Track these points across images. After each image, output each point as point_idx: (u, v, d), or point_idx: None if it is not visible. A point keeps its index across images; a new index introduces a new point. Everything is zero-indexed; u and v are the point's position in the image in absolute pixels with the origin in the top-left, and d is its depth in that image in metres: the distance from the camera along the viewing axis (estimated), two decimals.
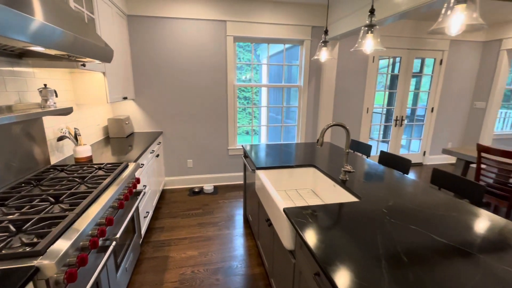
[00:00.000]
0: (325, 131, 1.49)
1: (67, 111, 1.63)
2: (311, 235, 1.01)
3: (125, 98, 2.71)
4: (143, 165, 2.31)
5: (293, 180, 1.98)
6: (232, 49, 3.34)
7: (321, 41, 2.31)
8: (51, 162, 1.85)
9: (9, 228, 0.97)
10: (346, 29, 2.94)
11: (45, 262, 0.83)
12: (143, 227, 2.28)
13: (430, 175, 4.13)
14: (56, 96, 1.65)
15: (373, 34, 1.52)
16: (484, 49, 4.39)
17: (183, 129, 3.47)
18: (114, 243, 1.25)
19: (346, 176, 1.64)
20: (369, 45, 1.54)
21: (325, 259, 0.86)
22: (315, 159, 2.09)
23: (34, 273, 0.80)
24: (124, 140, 2.75)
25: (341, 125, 1.55)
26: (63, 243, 0.93)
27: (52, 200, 1.22)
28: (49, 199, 1.23)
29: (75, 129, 1.96)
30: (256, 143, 2.67)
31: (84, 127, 2.38)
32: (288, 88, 3.98)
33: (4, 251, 0.85)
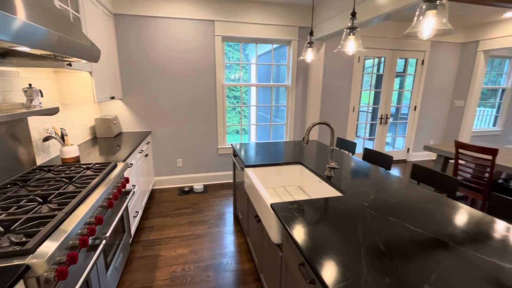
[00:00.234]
0: (310, 129, 1.55)
1: (53, 111, 1.62)
2: (297, 228, 1.06)
3: (112, 97, 2.69)
4: (132, 165, 2.31)
5: (281, 177, 2.04)
6: (220, 49, 3.35)
7: (307, 42, 2.37)
8: (37, 163, 1.82)
9: None
10: (331, 30, 3.01)
11: (35, 260, 0.84)
12: (133, 227, 2.28)
13: None
14: (41, 96, 1.63)
15: (354, 36, 1.59)
16: (462, 50, 4.59)
17: (172, 128, 3.46)
18: (104, 242, 1.26)
19: (331, 172, 1.71)
20: (351, 46, 1.61)
21: (309, 249, 0.92)
22: (303, 157, 2.15)
23: (24, 271, 0.81)
24: (112, 140, 2.72)
25: (325, 123, 1.61)
26: (53, 241, 0.94)
27: (40, 200, 1.22)
28: (36, 200, 1.23)
29: (62, 129, 1.93)
30: (245, 142, 2.71)
31: (70, 127, 2.35)
32: (276, 87, 4.04)
33: None
